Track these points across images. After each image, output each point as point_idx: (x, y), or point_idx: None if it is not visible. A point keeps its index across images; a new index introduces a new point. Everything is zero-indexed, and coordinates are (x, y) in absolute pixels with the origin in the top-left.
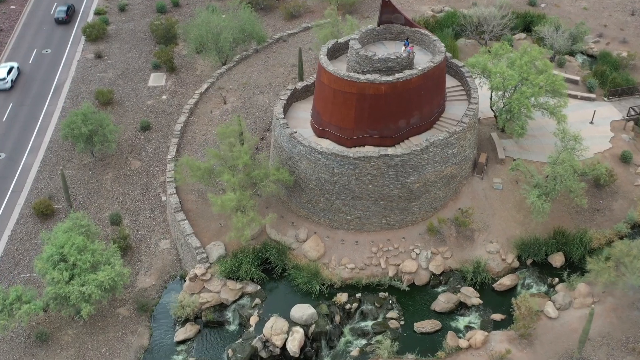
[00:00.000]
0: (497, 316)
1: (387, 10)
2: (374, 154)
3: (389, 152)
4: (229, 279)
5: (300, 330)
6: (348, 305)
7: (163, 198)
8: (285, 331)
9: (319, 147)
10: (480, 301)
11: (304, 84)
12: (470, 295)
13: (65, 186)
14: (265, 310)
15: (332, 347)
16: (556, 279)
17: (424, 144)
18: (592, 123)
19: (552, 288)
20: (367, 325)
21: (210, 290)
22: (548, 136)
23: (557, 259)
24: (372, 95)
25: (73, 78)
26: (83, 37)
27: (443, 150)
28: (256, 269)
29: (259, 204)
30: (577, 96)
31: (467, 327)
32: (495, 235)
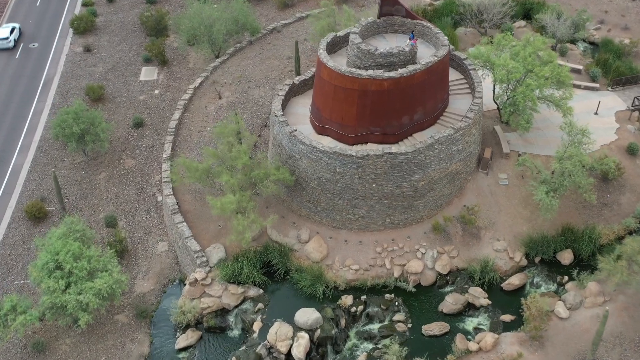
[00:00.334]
0: (507, 317)
1: (388, 2)
2: (377, 153)
3: (393, 151)
4: (230, 283)
5: (306, 336)
6: (353, 308)
7: (159, 198)
8: (290, 337)
9: (321, 146)
10: (489, 302)
11: (302, 78)
12: (478, 295)
13: (58, 188)
14: (269, 315)
15: (338, 352)
16: (565, 277)
17: (429, 141)
18: (597, 114)
19: (562, 287)
20: (374, 328)
21: (211, 295)
22: (552, 128)
23: (566, 257)
24: (375, 91)
25: (62, 73)
26: (71, 30)
27: (448, 147)
28: (258, 273)
29: (258, 204)
30: (581, 86)
31: (476, 329)
32: (502, 233)
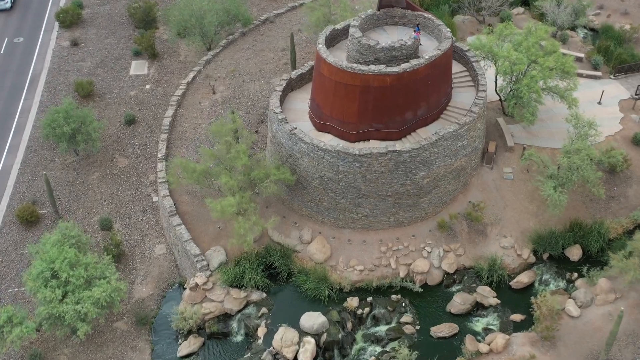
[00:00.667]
0: (517, 317)
1: None
2: (381, 151)
3: (397, 148)
4: (232, 287)
5: (312, 341)
6: (359, 310)
7: (155, 198)
8: (296, 342)
9: (322, 144)
10: (498, 301)
11: (299, 72)
12: (487, 295)
13: (50, 191)
14: (273, 319)
15: (345, 356)
16: (575, 274)
17: (434, 138)
18: (600, 103)
19: (572, 283)
20: (380, 330)
21: (212, 300)
22: (556, 120)
23: (575, 252)
24: (377, 87)
25: (49, 69)
26: (57, 23)
27: (453, 142)
28: (261, 276)
29: (258, 204)
30: (583, 74)
31: (486, 330)
32: (508, 229)
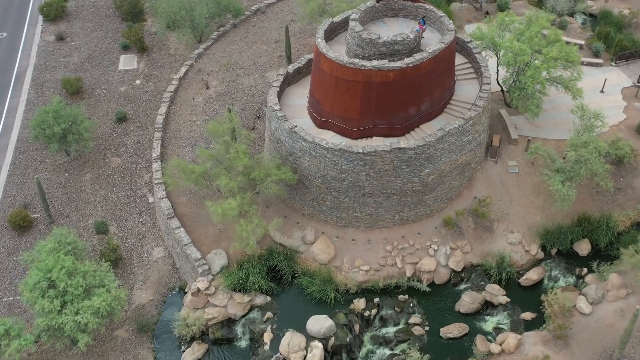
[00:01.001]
0: (528, 315)
1: None
2: (385, 148)
3: (402, 146)
4: (235, 291)
5: (320, 345)
6: (367, 312)
7: (150, 199)
8: (304, 347)
9: (324, 143)
10: (508, 299)
11: (296, 66)
12: (496, 293)
13: (42, 195)
14: (279, 324)
15: (354, 359)
16: (584, 269)
17: (439, 134)
18: (603, 92)
19: (581, 279)
20: (389, 332)
21: (215, 305)
22: (559, 110)
23: (584, 247)
24: (380, 83)
25: (35, 65)
26: (41, 17)
27: (458, 138)
28: (265, 279)
29: (259, 205)
30: (584, 62)
31: (496, 329)
32: (515, 225)
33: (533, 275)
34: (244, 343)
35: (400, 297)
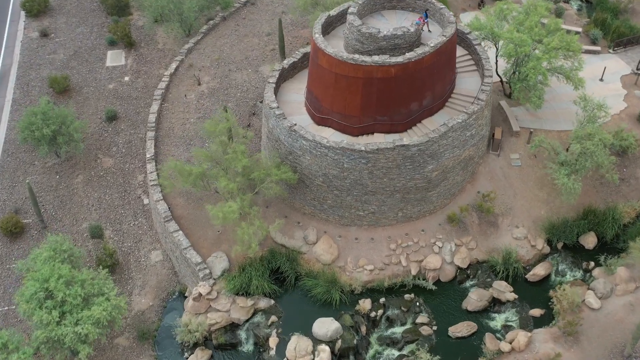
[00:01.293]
0: (536, 311)
1: None
2: (388, 146)
3: (405, 143)
4: (238, 295)
5: (327, 349)
6: (373, 312)
7: (145, 201)
8: (311, 351)
9: (325, 141)
10: (515, 296)
11: (291, 60)
12: (503, 290)
13: (34, 200)
14: (284, 328)
15: None
16: (592, 263)
17: (442, 130)
18: (602, 80)
19: (588, 273)
20: (396, 332)
21: (218, 310)
22: (560, 100)
23: (590, 240)
24: (381, 78)
25: (19, 63)
26: (23, 12)
27: (462, 133)
28: (268, 282)
29: (258, 205)
30: (582, 50)
31: (505, 327)
32: (520, 219)
33: (540, 270)
34: (248, 348)
35: (406, 297)
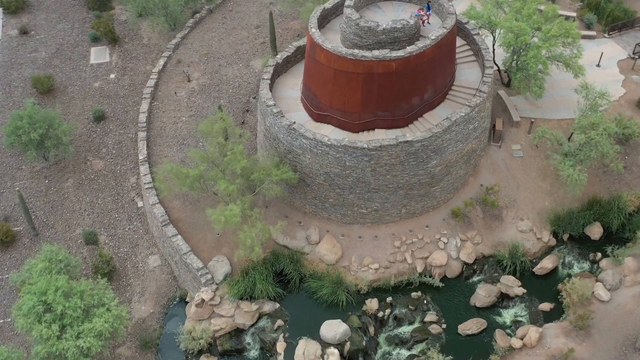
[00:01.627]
0: (546, 305)
1: None
2: (391, 142)
3: (409, 139)
4: (242, 299)
5: (336, 352)
6: (380, 312)
7: (140, 204)
8: (319, 355)
9: (326, 140)
10: (524, 290)
11: (285, 54)
12: (511, 284)
13: (25, 207)
14: (291, 332)
15: None
16: (599, 254)
17: (446, 124)
18: (599, 66)
19: (596, 264)
20: (404, 331)
21: (222, 315)
22: (558, 87)
23: (596, 231)
24: (382, 73)
25: (0, 63)
26: (0, 10)
27: (465, 126)
28: (272, 286)
29: (258, 205)
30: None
31: (515, 322)
32: (524, 211)
33: (547, 263)
34: (254, 353)
35: (413, 295)
